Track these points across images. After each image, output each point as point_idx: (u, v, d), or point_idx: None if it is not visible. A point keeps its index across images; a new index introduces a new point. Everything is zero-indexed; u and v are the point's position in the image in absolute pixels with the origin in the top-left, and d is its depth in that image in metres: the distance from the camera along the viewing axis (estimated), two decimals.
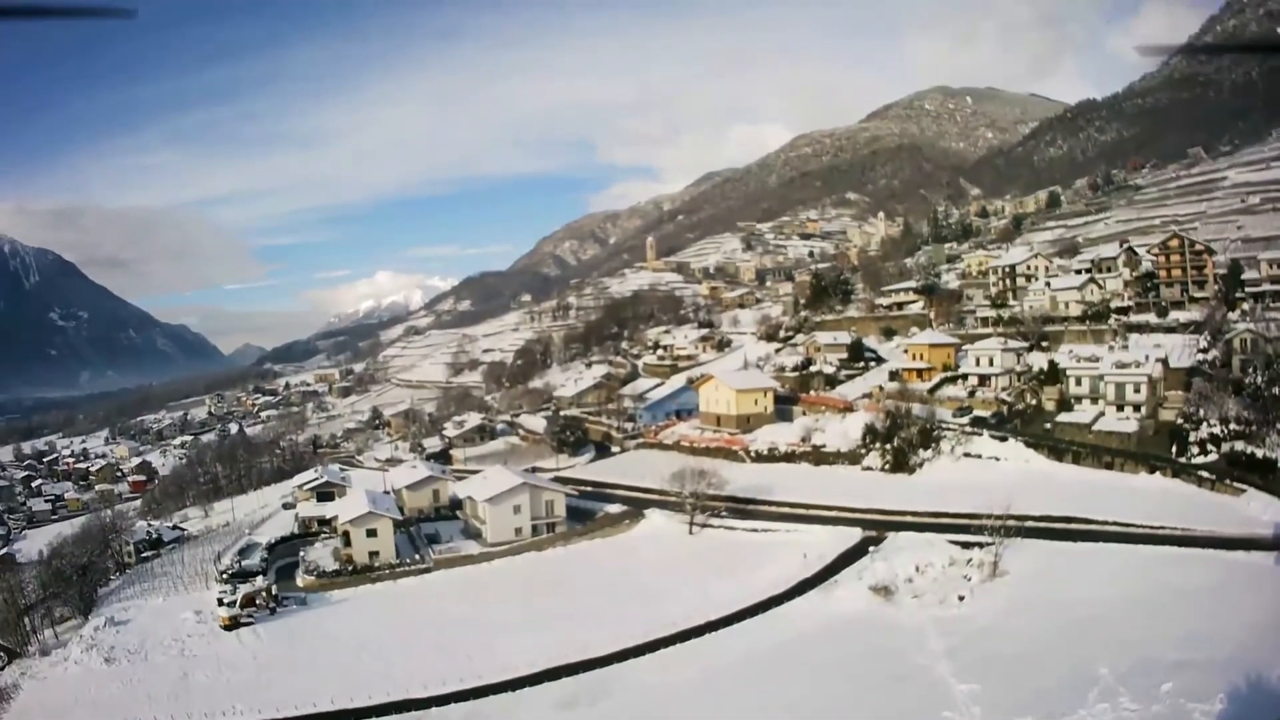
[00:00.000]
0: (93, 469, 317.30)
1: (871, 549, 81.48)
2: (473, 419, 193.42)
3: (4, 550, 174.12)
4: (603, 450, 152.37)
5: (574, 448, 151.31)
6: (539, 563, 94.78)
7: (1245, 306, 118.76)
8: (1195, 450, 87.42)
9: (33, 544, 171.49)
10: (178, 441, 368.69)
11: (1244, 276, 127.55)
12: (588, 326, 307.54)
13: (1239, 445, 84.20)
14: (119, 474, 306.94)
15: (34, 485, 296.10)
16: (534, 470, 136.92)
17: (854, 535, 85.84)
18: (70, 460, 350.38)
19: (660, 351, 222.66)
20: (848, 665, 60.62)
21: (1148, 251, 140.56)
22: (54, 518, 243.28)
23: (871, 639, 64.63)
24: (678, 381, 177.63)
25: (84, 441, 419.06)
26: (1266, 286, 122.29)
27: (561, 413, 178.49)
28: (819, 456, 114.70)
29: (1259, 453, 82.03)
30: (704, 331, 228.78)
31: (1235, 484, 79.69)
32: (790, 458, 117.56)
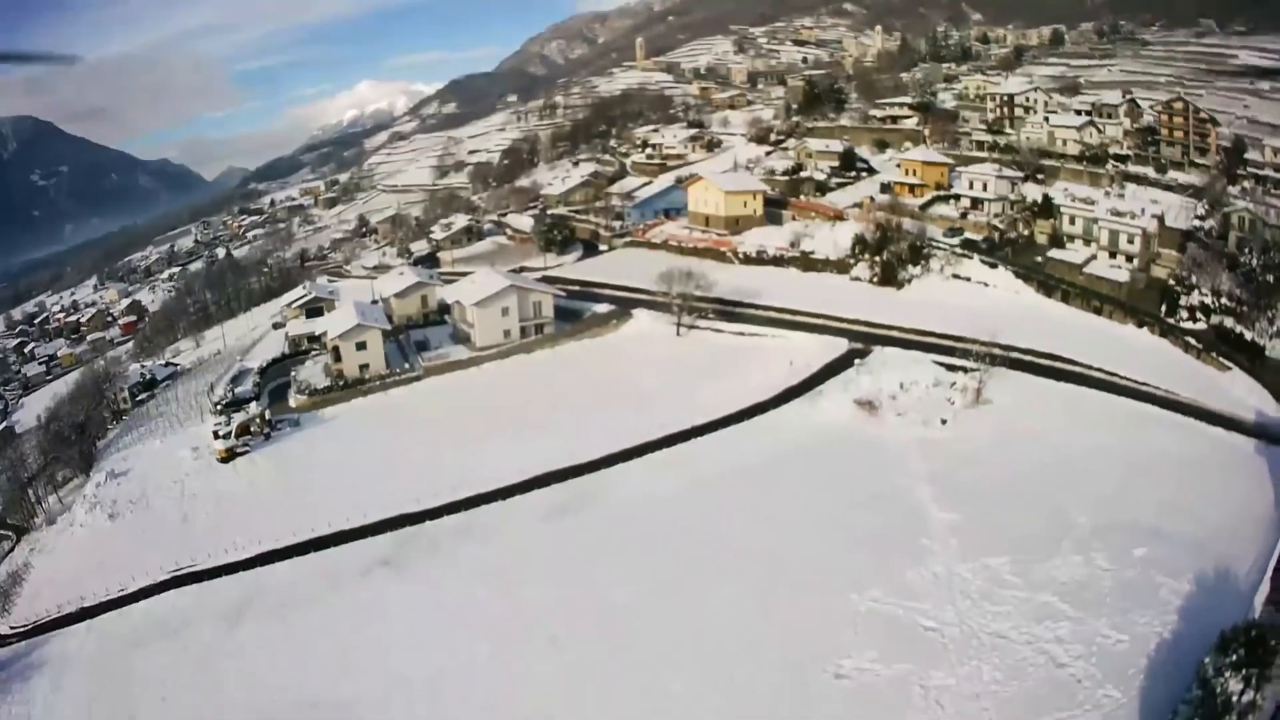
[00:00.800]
0: (83, 320, 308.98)
1: (857, 361, 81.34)
2: (459, 221, 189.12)
3: (3, 424, 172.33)
4: (590, 249, 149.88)
5: (561, 246, 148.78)
6: (527, 366, 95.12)
7: (1246, 184, 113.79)
8: (1185, 315, 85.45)
9: (30, 411, 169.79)
10: (166, 275, 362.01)
11: (1247, 156, 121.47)
12: (575, 125, 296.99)
13: (1228, 322, 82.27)
14: (109, 319, 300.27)
15: (27, 350, 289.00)
16: (521, 270, 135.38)
17: (840, 345, 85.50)
18: (61, 316, 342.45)
19: (649, 150, 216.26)
20: (831, 482, 61.59)
21: (1151, 107, 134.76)
22: (49, 378, 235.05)
23: (855, 455, 65.47)
24: (666, 180, 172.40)
25: (73, 293, 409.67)
26: (1269, 172, 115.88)
27: (549, 211, 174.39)
28: (807, 263, 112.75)
29: (1247, 334, 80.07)
30: (693, 131, 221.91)
31: (1221, 359, 78.08)
32: (779, 262, 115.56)
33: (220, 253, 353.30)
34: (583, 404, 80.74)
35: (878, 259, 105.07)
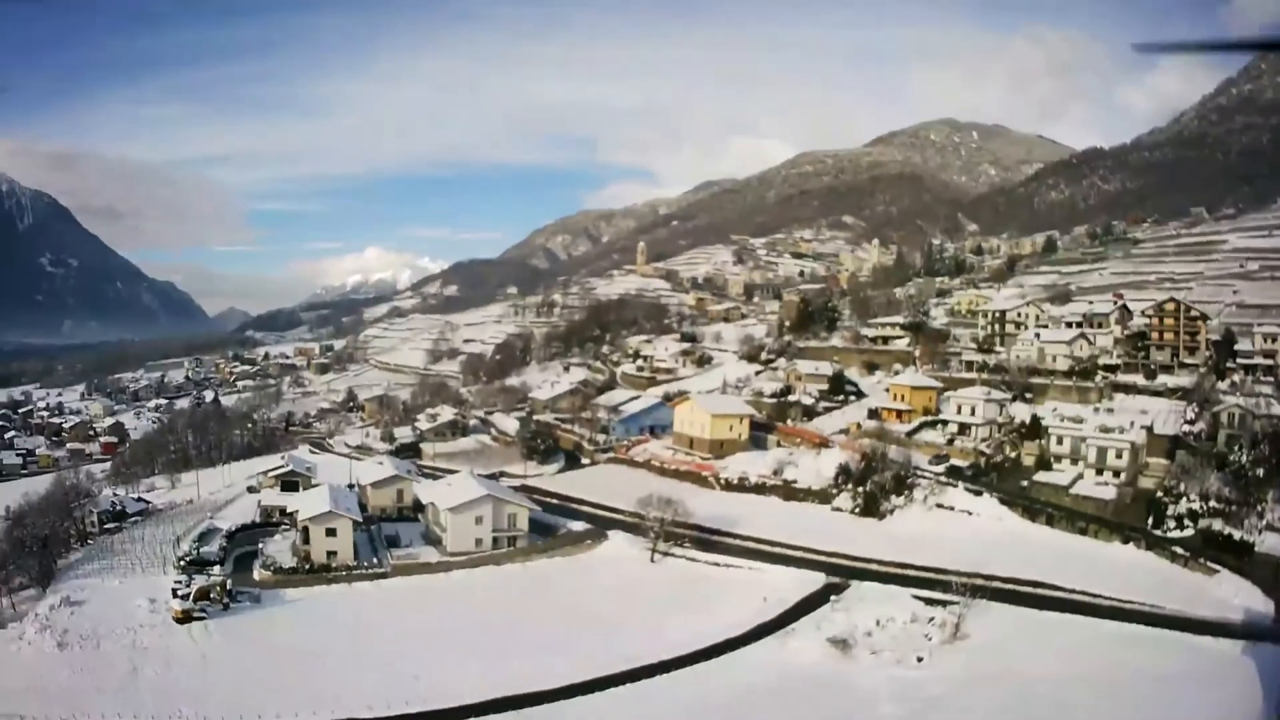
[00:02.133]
0: (66, 425, 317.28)
1: (833, 598, 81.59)
2: (446, 413, 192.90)
3: None
4: (572, 460, 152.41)
5: (544, 456, 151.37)
6: (496, 578, 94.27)
7: (1236, 378, 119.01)
8: (1172, 524, 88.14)
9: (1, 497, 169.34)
10: (152, 404, 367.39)
11: (1237, 347, 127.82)
12: (570, 326, 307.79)
13: (1216, 524, 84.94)
14: (92, 432, 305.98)
15: (6, 437, 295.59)
16: (501, 475, 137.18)
17: (816, 580, 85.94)
18: (45, 414, 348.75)
19: (640, 362, 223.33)
20: None
21: (1141, 312, 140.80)
22: (24, 472, 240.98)
23: (823, 700, 64.61)
24: (653, 397, 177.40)
25: (60, 395, 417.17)
26: (1259, 360, 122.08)
27: (535, 417, 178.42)
28: (789, 492, 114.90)
29: (1236, 534, 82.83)
30: (685, 346, 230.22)
31: (1209, 564, 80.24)
32: (760, 489, 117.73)
33: (208, 395, 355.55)
34: (548, 625, 79.74)
35: (861, 490, 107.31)
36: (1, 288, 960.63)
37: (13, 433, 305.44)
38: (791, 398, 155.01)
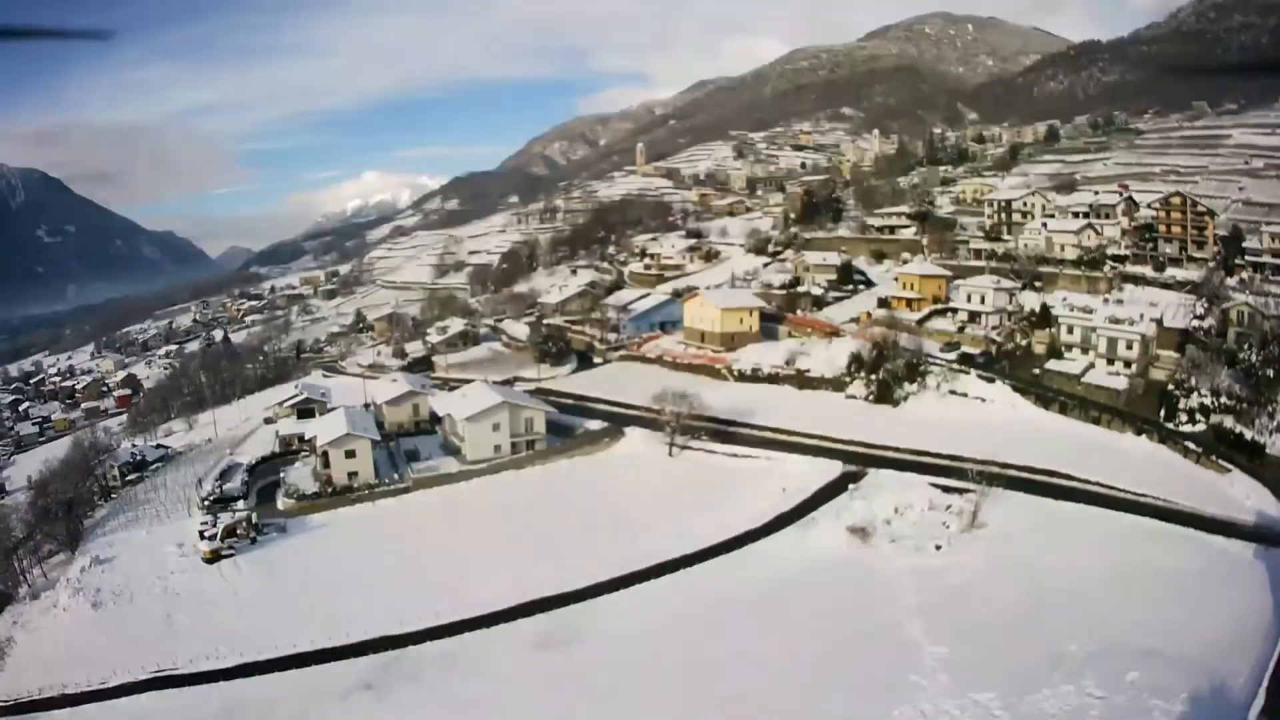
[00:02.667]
0: (79, 386, 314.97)
1: (851, 486, 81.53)
2: (456, 324, 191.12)
3: None
4: (585, 361, 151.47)
5: (556, 358, 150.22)
6: (517, 483, 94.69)
7: (1244, 275, 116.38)
8: (1184, 418, 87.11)
9: (20, 469, 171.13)
10: (163, 352, 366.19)
11: (1245, 244, 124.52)
12: (575, 230, 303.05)
13: (1228, 422, 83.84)
14: (105, 389, 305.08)
15: (21, 409, 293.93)
16: (515, 380, 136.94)
17: (834, 469, 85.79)
18: (56, 379, 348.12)
19: (647, 260, 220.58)
20: (820, 618, 61.08)
21: (1148, 205, 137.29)
22: (41, 440, 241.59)
23: (846, 589, 65.15)
24: (663, 294, 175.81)
25: (70, 358, 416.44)
26: (1268, 259, 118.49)
27: (545, 321, 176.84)
28: (803, 381, 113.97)
29: (1247, 434, 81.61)
30: (692, 241, 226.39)
31: (1221, 461, 79.17)
32: (774, 380, 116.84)
33: (218, 335, 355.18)
34: (572, 526, 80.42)
35: (874, 377, 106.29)
36: (2, 267, 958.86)
37: (27, 403, 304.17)
38: (800, 289, 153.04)
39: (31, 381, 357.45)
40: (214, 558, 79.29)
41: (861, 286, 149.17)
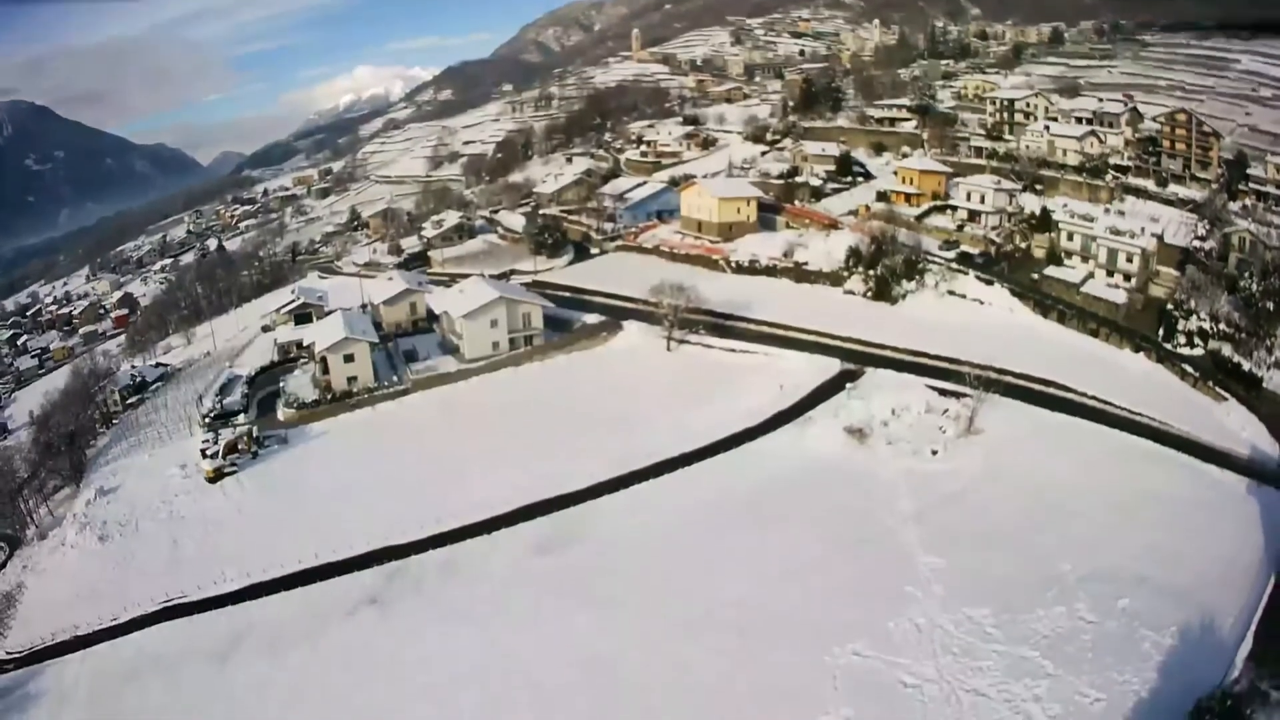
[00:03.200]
0: (75, 312, 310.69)
1: (849, 385, 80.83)
2: (451, 218, 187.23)
3: None
4: (581, 251, 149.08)
5: (553, 249, 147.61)
6: (515, 380, 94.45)
7: (1248, 202, 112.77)
8: (1182, 340, 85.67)
9: (22, 406, 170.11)
10: (158, 267, 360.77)
11: (1249, 170, 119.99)
12: (570, 118, 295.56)
13: (1226, 350, 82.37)
14: (102, 311, 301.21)
15: (19, 342, 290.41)
16: (512, 274, 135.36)
17: (832, 366, 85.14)
18: (53, 308, 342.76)
19: (644, 148, 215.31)
20: (817, 521, 61.27)
21: (1153, 118, 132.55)
22: (41, 372, 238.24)
23: (843, 489, 65.16)
24: (659, 182, 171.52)
25: (65, 284, 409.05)
26: (1272, 189, 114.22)
27: (541, 211, 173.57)
28: (800, 274, 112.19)
29: (1245, 364, 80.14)
30: (689, 129, 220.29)
31: (1218, 389, 77.99)
32: (771, 272, 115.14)
33: (212, 244, 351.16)
34: (570, 424, 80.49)
35: (872, 273, 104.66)
36: None
37: (25, 336, 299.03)
38: (799, 179, 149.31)
39: (28, 314, 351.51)
40: (217, 476, 79.89)
41: (860, 178, 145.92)
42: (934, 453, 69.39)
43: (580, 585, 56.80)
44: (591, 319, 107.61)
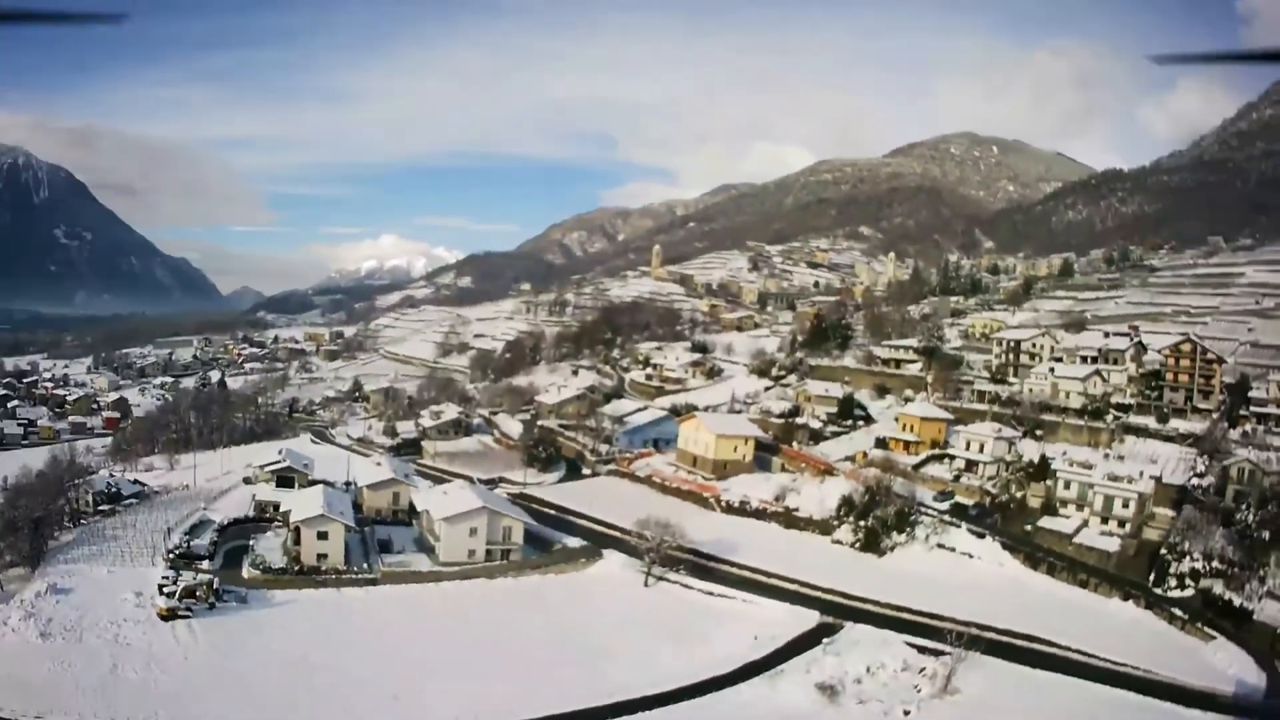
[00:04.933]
0: (70, 398, 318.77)
1: (825, 640, 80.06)
2: (450, 411, 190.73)
3: None
4: (574, 469, 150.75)
5: (545, 463, 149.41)
6: (488, 592, 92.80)
7: (1248, 428, 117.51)
8: (1173, 583, 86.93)
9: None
10: (158, 381, 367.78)
11: (1251, 393, 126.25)
12: (582, 327, 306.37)
13: (1217, 587, 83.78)
14: (95, 406, 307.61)
15: (9, 406, 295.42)
16: (500, 481, 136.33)
17: (810, 618, 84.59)
18: (49, 384, 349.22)
19: (649, 370, 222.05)
20: None
21: (1158, 350, 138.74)
22: (24, 443, 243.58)
23: None
24: (660, 409, 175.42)
25: (66, 366, 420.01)
26: (1272, 409, 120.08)
27: (540, 422, 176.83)
28: (790, 519, 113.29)
29: (1236, 600, 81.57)
30: (696, 356, 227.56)
31: (1206, 629, 79.21)
32: (761, 515, 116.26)
33: (215, 376, 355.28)
34: (537, 647, 78.51)
35: (862, 524, 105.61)
36: (16, 258, 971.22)
37: (16, 402, 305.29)
38: (799, 420, 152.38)
39: (24, 381, 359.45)
40: (170, 615, 77.42)
41: (861, 422, 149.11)
42: (906, 714, 67.57)
43: None
44: (573, 542, 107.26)
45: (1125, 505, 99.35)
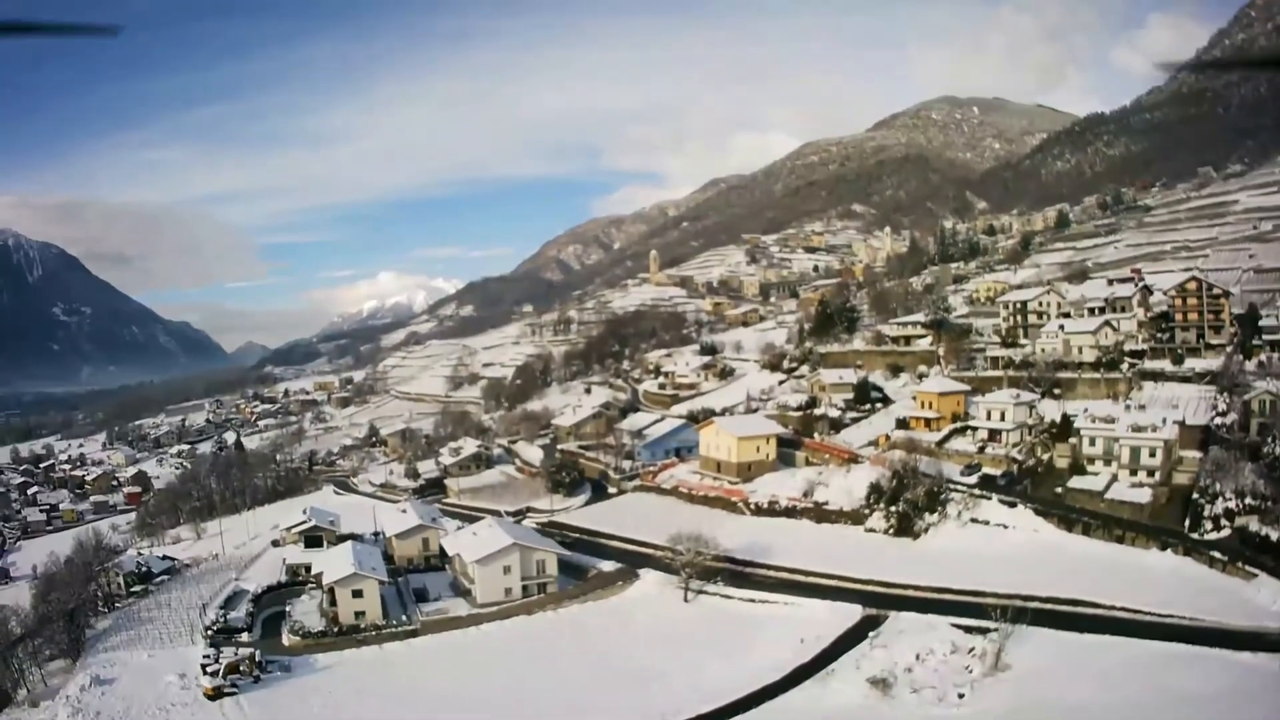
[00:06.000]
0: (88, 477, 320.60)
1: (871, 634, 79.21)
2: (469, 446, 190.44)
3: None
4: (599, 490, 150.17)
5: (570, 488, 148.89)
6: (529, 629, 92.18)
7: (1263, 357, 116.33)
8: (1209, 525, 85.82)
9: (27, 556, 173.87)
10: (174, 450, 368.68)
11: (1261, 321, 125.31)
12: (589, 343, 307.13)
13: (1253, 524, 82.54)
14: (115, 483, 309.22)
15: (29, 493, 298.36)
16: (528, 512, 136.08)
17: (854, 613, 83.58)
18: (66, 466, 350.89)
19: (661, 379, 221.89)
20: None
21: (1163, 292, 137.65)
22: (49, 529, 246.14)
23: None
24: (677, 417, 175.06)
25: (81, 445, 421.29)
26: None
27: (559, 446, 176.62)
28: (821, 514, 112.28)
29: (1273, 534, 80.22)
30: (706, 359, 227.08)
31: (1246, 567, 78.15)
32: (791, 513, 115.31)
33: (230, 437, 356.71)
34: (585, 680, 77.69)
35: (893, 509, 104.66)
36: (17, 340, 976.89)
37: (36, 488, 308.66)
38: (817, 410, 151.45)
39: (41, 466, 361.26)
40: (216, 695, 77.03)
41: (879, 404, 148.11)
42: (960, 696, 66.72)
43: None
44: (607, 566, 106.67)
45: (1152, 454, 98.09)
